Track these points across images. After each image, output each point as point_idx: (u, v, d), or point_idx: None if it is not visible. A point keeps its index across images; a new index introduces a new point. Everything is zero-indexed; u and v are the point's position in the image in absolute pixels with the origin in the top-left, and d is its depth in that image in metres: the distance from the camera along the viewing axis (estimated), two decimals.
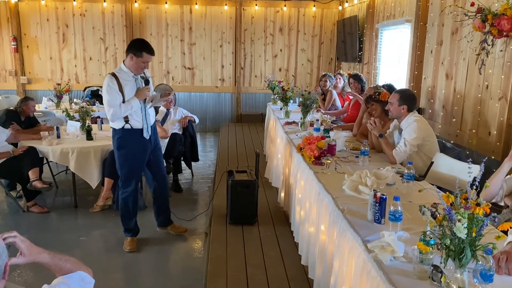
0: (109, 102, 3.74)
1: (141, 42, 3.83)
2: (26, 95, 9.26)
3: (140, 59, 3.74)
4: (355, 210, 2.55)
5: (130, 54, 3.75)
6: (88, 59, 9.38)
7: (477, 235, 1.63)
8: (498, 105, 3.92)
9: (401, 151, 3.63)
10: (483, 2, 3.74)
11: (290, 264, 3.54)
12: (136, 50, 3.73)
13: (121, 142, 3.91)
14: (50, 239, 4.36)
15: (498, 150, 3.86)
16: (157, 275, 3.75)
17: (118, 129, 3.89)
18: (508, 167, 2.66)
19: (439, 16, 4.98)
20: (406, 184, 2.93)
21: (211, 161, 7.36)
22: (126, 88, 3.78)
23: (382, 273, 1.86)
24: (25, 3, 9.04)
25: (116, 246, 4.26)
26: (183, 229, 4.48)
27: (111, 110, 3.74)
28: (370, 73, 7.29)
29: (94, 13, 9.19)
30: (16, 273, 3.71)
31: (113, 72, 3.81)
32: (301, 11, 9.53)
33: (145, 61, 3.76)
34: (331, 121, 5.48)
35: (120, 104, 3.75)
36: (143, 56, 3.73)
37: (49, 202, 5.34)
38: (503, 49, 3.83)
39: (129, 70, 3.80)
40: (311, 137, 3.78)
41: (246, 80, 9.75)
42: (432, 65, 5.16)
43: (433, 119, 5.07)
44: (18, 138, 5.18)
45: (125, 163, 3.97)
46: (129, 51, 3.76)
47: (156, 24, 9.34)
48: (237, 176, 4.30)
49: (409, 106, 3.74)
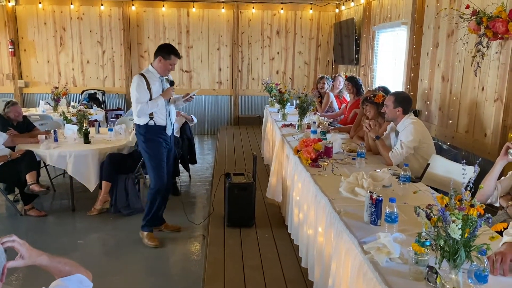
0: (138, 99, 4.00)
1: (169, 46, 4.13)
2: (23, 98, 9.28)
3: (168, 62, 4.04)
4: (351, 212, 2.56)
5: (159, 56, 4.03)
6: (86, 62, 9.39)
7: (471, 236, 1.64)
8: (493, 107, 3.95)
9: (397, 153, 3.65)
10: (478, 5, 3.77)
11: (288, 266, 3.54)
12: (165, 53, 4.03)
13: (146, 136, 4.15)
14: (48, 242, 4.36)
15: (494, 152, 3.88)
16: (155, 278, 3.75)
17: (142, 125, 4.12)
18: (501, 166, 2.68)
19: (434, 18, 5.01)
20: (402, 185, 2.95)
21: (209, 163, 7.37)
22: (154, 87, 4.06)
23: (378, 274, 1.87)
24: (22, 6, 9.05)
25: (114, 249, 4.26)
26: (176, 227, 4.58)
27: (139, 106, 4.00)
28: (367, 76, 7.32)
29: (91, 16, 9.21)
30: (14, 277, 3.70)
31: (141, 72, 4.11)
32: (298, 14, 9.57)
33: (172, 64, 4.08)
34: (328, 123, 5.49)
35: (147, 101, 4.01)
36: (171, 59, 4.04)
37: (46, 206, 5.34)
38: (498, 51, 3.85)
39: (156, 71, 4.08)
40: (308, 140, 3.80)
41: (244, 83, 9.78)
42: (428, 67, 5.19)
43: (429, 121, 5.10)
44: (16, 142, 5.18)
45: (153, 156, 4.17)
46: (157, 54, 4.04)
47: (154, 27, 9.36)
48: (234, 179, 4.31)
49: (404, 108, 3.76)
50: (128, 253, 4.18)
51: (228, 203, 4.22)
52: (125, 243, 4.36)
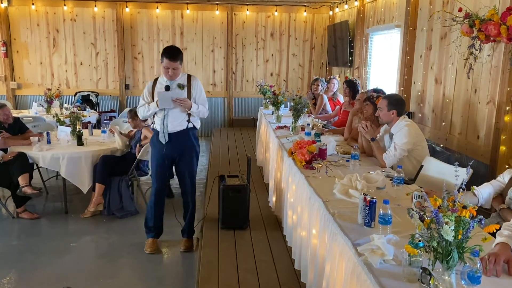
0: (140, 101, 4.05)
1: (164, 48, 3.85)
2: (16, 100, 9.21)
3: (162, 64, 3.81)
4: (345, 214, 2.56)
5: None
6: (79, 64, 9.35)
7: (464, 237, 1.65)
8: (486, 109, 3.98)
9: (391, 155, 3.66)
10: (470, 8, 3.80)
11: (282, 268, 3.54)
12: (161, 56, 3.84)
13: (151, 140, 4.16)
14: (41, 245, 4.33)
15: (486, 154, 3.91)
16: (149, 281, 3.73)
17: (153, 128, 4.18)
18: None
19: (428, 21, 5.04)
20: (396, 187, 2.96)
21: (203, 165, 7.35)
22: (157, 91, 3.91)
23: (372, 276, 1.87)
24: (15, 7, 9.00)
25: (107, 252, 4.24)
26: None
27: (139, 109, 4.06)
28: (361, 78, 7.35)
29: (85, 18, 9.17)
30: (6, 280, 3.67)
31: (157, 76, 4.05)
32: (292, 16, 9.59)
33: (166, 67, 3.78)
34: (322, 125, 5.49)
35: (143, 104, 3.99)
36: (164, 62, 3.78)
37: (39, 208, 5.30)
38: (490, 54, 3.89)
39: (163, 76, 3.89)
40: (302, 142, 3.80)
41: (238, 85, 9.78)
42: (422, 69, 5.22)
43: (422, 123, 5.12)
44: (8, 144, 5.14)
45: (151, 160, 4.19)
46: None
47: (148, 29, 9.34)
48: (228, 181, 4.30)
49: (398, 111, 3.78)
50: (122, 256, 4.16)
51: (223, 205, 4.21)
52: (118, 246, 4.34)
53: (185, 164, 4.10)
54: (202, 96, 4.03)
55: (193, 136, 4.11)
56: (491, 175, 3.74)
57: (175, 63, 3.78)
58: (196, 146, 4.14)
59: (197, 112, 3.99)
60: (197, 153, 4.17)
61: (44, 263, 3.98)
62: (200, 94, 4.01)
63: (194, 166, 4.19)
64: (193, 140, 4.10)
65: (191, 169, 4.15)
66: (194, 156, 4.15)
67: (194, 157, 4.15)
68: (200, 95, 4.01)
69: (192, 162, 4.15)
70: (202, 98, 4.03)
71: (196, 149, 4.14)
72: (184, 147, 4.04)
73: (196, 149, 4.15)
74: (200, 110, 4.00)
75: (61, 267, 3.93)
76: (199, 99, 4.00)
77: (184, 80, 3.94)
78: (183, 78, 3.95)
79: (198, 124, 4.15)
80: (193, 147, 4.10)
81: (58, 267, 3.93)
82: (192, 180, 4.21)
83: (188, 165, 4.12)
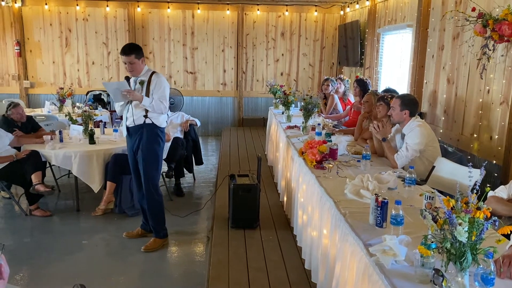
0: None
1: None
2: (29, 99, 9.32)
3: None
4: (356, 214, 2.56)
5: None
6: (91, 63, 9.43)
7: (478, 238, 1.64)
8: (499, 109, 3.93)
9: (402, 155, 3.64)
10: (484, 7, 3.76)
11: (292, 268, 3.54)
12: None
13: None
14: (53, 242, 4.37)
15: (499, 155, 3.87)
16: (159, 279, 3.75)
17: None
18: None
19: (440, 21, 5.00)
20: (408, 188, 2.94)
21: (213, 165, 7.37)
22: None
23: (384, 277, 1.86)
24: (29, 7, 9.10)
25: (118, 250, 4.27)
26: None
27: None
28: (372, 78, 7.31)
29: (97, 17, 9.25)
30: (19, 276, 3.72)
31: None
32: (302, 16, 9.57)
33: (123, 62, 3.93)
34: (333, 125, 5.48)
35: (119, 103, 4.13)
36: (122, 57, 3.94)
37: (51, 206, 5.36)
38: (504, 54, 3.84)
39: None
40: (313, 141, 3.79)
41: (248, 85, 9.79)
42: (434, 69, 5.17)
43: (434, 123, 5.08)
44: (21, 142, 5.21)
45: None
46: None
47: (159, 29, 9.39)
48: (239, 180, 4.31)
49: (411, 111, 3.75)
50: (132, 254, 4.19)
51: (233, 205, 4.22)
52: (129, 244, 4.36)
53: (140, 161, 4.04)
54: (160, 91, 3.93)
55: (150, 133, 3.98)
56: (504, 176, 3.70)
57: (129, 57, 3.85)
58: (152, 144, 3.99)
59: (150, 106, 3.88)
60: (153, 152, 4.02)
61: (56, 260, 4.03)
62: (158, 89, 3.93)
63: (148, 165, 4.02)
64: (148, 137, 3.98)
65: (145, 167, 4.02)
66: (149, 155, 4.00)
67: (149, 156, 4.00)
68: (158, 90, 3.93)
69: (146, 160, 4.00)
70: (160, 93, 3.93)
71: (151, 147, 3.99)
72: (139, 143, 4.02)
73: (153, 147, 4.00)
74: (153, 104, 3.89)
75: (72, 264, 3.97)
76: (156, 93, 3.93)
77: (146, 76, 3.97)
78: (147, 75, 3.98)
79: (159, 122, 4.02)
80: (148, 145, 3.98)
81: (69, 264, 3.97)
82: (148, 181, 4.05)
83: (143, 162, 4.01)
